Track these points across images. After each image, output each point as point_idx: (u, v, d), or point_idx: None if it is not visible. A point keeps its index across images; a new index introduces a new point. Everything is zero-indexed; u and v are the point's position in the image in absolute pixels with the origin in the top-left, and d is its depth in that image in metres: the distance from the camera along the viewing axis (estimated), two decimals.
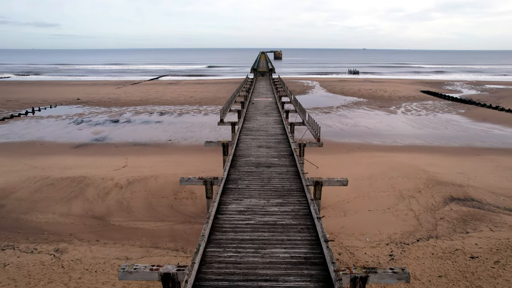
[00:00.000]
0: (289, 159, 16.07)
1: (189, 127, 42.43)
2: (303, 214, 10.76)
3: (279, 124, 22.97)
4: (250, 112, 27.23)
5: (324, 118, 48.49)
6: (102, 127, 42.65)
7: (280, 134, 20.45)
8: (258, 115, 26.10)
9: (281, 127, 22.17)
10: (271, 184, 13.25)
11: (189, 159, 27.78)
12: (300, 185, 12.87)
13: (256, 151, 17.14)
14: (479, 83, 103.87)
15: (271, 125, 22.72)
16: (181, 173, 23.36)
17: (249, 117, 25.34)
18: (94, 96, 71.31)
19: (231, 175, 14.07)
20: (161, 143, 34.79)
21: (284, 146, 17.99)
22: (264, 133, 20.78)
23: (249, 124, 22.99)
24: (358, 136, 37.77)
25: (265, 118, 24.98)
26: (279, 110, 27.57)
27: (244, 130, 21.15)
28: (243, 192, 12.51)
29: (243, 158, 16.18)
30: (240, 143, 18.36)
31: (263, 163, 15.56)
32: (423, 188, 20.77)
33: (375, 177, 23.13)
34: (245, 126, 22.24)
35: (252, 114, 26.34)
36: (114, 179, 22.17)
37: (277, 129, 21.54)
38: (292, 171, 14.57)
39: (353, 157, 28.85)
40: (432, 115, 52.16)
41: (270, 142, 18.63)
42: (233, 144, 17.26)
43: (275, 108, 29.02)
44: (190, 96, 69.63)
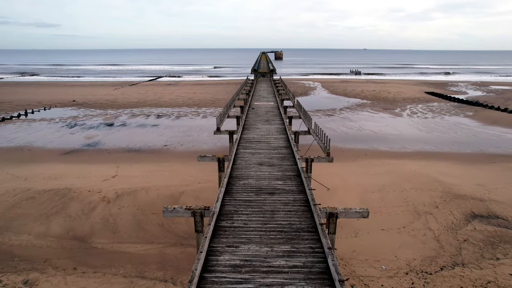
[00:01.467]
0: (296, 182, 13.45)
1: (186, 131, 40.57)
2: (318, 271, 8.17)
3: (282, 134, 20.58)
4: (250, 118, 25.06)
5: (327, 121, 46.60)
6: (95, 131, 40.80)
7: (284, 147, 18.07)
8: (258, 123, 23.77)
9: (285, 137, 19.85)
10: (275, 220, 10.58)
11: (184, 167, 25.90)
12: (312, 221, 10.28)
13: (257, 171, 14.62)
14: (483, 84, 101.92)
15: (273, 135, 20.31)
16: (175, 185, 21.50)
17: (248, 125, 23.05)
18: (90, 97, 69.49)
19: (225, 205, 11.46)
20: (156, 148, 32.92)
21: (289, 163, 15.48)
22: (265, 145, 18.34)
23: (249, 134, 20.59)
24: (364, 141, 35.88)
25: (267, 126, 22.57)
26: (282, 116, 25.60)
27: (243, 142, 18.81)
28: (240, 233, 9.86)
29: (241, 180, 13.60)
30: (238, 159, 16.03)
31: (265, 188, 12.92)
32: (440, 203, 18.87)
33: (386, 189, 21.24)
34: (244, 136, 19.85)
35: (252, 122, 24.04)
36: (101, 191, 20.30)
37: (280, 141, 19.18)
38: (300, 200, 11.86)
39: (360, 165, 26.95)
40: (439, 117, 50.24)
41: (272, 158, 16.18)
42: (230, 160, 15.15)
43: (277, 113, 26.96)
44: (188, 98, 67.79)
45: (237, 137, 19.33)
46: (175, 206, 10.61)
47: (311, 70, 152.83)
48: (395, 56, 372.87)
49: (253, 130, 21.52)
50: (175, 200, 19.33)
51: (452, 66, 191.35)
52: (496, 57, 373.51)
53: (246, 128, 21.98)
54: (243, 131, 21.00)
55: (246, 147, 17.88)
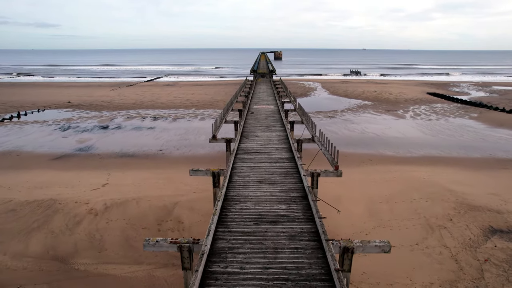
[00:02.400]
0: (302, 206, 11.43)
1: (183, 134, 39.15)
2: None
3: (284, 143, 18.79)
4: (249, 124, 23.24)
5: (328, 123, 45.23)
6: (89, 134, 39.36)
7: (287, 159, 16.20)
8: (258, 129, 21.95)
9: (287, 147, 18.07)
10: (278, 261, 8.50)
11: (179, 174, 24.45)
12: (324, 263, 8.29)
13: (256, 190, 12.64)
14: (485, 84, 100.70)
15: (275, 145, 18.51)
16: (168, 195, 20.09)
17: (247, 132, 21.19)
18: (86, 99, 68.06)
19: (218, 240, 9.45)
20: (151, 153, 31.49)
21: (293, 180, 13.58)
22: (266, 157, 16.50)
23: (248, 143, 18.70)
24: (368, 145, 34.49)
25: (267, 134, 20.76)
26: (283, 122, 23.91)
27: (240, 153, 17.06)
28: (235, 282, 7.87)
29: (238, 203, 11.62)
30: (234, 174, 14.08)
31: (266, 214, 10.89)
32: (454, 215, 17.48)
33: (395, 200, 19.84)
34: (243, 146, 18.10)
35: (251, 128, 22.18)
36: (89, 202, 18.87)
37: (282, 151, 17.42)
38: (309, 232, 9.79)
39: (365, 171, 25.56)
40: (443, 119, 48.88)
41: (274, 174, 14.27)
42: (225, 176, 13.25)
43: (278, 118, 25.33)
44: (186, 99, 66.40)
45: (235, 147, 17.60)
46: (158, 238, 9.01)
47: (311, 71, 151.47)
48: (395, 56, 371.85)
49: (252, 138, 19.75)
50: (168, 212, 17.92)
51: (452, 66, 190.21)
52: (496, 57, 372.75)
53: (244, 135, 20.23)
54: (241, 139, 19.30)
55: (244, 160, 16.13)
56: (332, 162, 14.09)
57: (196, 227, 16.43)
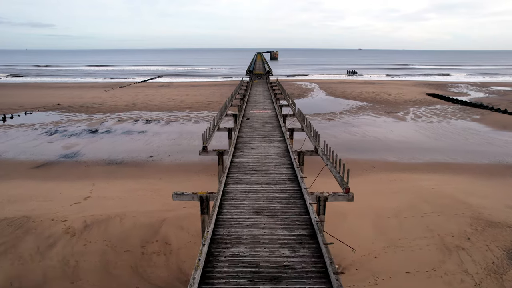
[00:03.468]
0: (310, 251, 8.93)
1: (175, 139, 37.25)
2: None
3: (283, 157, 16.41)
4: (244, 133, 20.84)
5: (327, 126, 43.54)
6: (76, 139, 37.34)
7: (288, 179, 13.64)
8: (254, 139, 19.56)
9: (288, 162, 15.70)
10: None
11: (170, 185, 22.60)
12: None
13: (252, 226, 10.15)
14: (484, 84, 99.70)
15: (273, 159, 16.15)
16: (156, 211, 18.23)
17: (242, 142, 18.87)
18: (77, 100, 65.90)
19: None
20: (140, 160, 29.57)
21: (297, 209, 11.07)
22: (263, 177, 13.96)
23: (242, 157, 16.32)
24: (370, 150, 32.81)
25: (264, 145, 18.40)
26: (281, 130, 21.63)
27: (234, 171, 14.53)
28: None
29: (229, 247, 9.12)
30: (226, 202, 11.54)
31: (265, 266, 8.36)
32: (471, 233, 15.80)
33: (404, 214, 18.13)
34: (236, 162, 15.69)
35: (247, 138, 19.82)
36: (67, 219, 16.96)
37: (282, 168, 14.93)
38: None
39: (369, 180, 23.85)
40: (445, 122, 47.38)
41: (274, 200, 11.78)
42: (215, 204, 10.79)
43: (276, 126, 23.01)
44: (181, 101, 64.46)
45: (227, 163, 15.22)
46: None
47: (307, 71, 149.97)
48: (390, 56, 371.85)
49: (247, 150, 17.48)
50: (154, 231, 16.06)
51: (449, 67, 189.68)
52: (491, 57, 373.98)
53: (239, 147, 18.05)
54: (235, 151, 17.13)
55: (238, 180, 13.61)
56: (342, 183, 12.02)
57: (185, 249, 14.61)
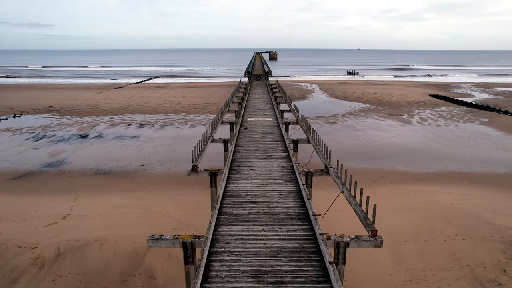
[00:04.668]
0: None
1: (169, 145, 35.06)
2: None
3: (289, 181, 13.39)
4: (241, 148, 17.95)
5: (330, 130, 41.40)
6: (64, 145, 35.10)
7: (297, 217, 10.50)
8: (253, 156, 16.58)
9: (294, 189, 12.61)
10: None
11: (159, 200, 20.42)
12: None
13: None
14: (487, 85, 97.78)
15: (277, 185, 13.02)
16: (142, 234, 16.01)
17: (239, 161, 15.94)
18: (69, 102, 63.65)
19: None
20: (130, 170, 27.36)
21: (313, 270, 8.06)
22: (265, 213, 10.82)
23: (239, 181, 13.29)
24: (377, 157, 30.66)
25: (265, 164, 15.41)
26: (284, 141, 18.91)
27: (228, 204, 11.35)
28: None
29: None
30: (215, 259, 8.45)
31: None
32: (506, 264, 13.67)
33: (423, 236, 15.98)
34: (232, 188, 12.66)
35: (245, 154, 17.04)
36: (38, 246, 14.76)
37: (288, 199, 11.73)
38: None
39: (380, 194, 21.69)
40: (453, 125, 45.30)
41: (280, 254, 8.68)
42: (202, 258, 7.94)
43: (279, 137, 20.08)
44: (177, 103, 62.27)
45: (220, 192, 11.85)
46: None
47: (307, 71, 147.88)
48: (390, 56, 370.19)
49: (245, 172, 14.47)
50: (137, 261, 13.87)
51: (449, 67, 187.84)
52: (490, 57, 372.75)
53: (235, 167, 15.06)
54: (230, 173, 14.16)
55: (232, 219, 10.41)
56: (365, 221, 8.82)
57: (172, 286, 12.42)
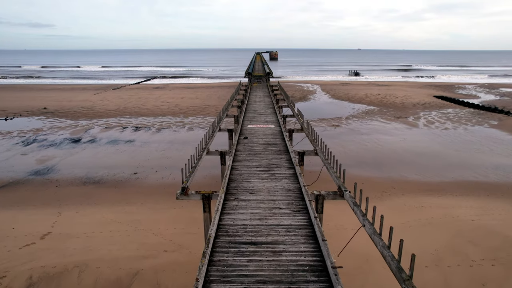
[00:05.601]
0: None
1: (165, 150, 33.29)
2: None
3: (297, 211, 10.75)
4: (240, 164, 15.33)
5: (334, 134, 39.61)
6: (54, 151, 33.34)
7: (310, 268, 7.95)
8: (253, 175, 13.94)
9: (305, 223, 10.06)
10: None
11: (151, 215, 18.62)
12: None
13: None
14: (492, 86, 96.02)
15: (283, 218, 10.34)
16: (128, 257, 14.22)
17: (237, 181, 13.28)
18: (65, 104, 61.92)
19: None
20: (122, 178, 25.58)
21: None
22: (268, 263, 8.11)
23: (236, 211, 10.71)
24: (385, 164, 28.85)
25: (268, 186, 12.76)
26: (289, 155, 16.38)
27: (221, 247, 8.76)
28: None
29: None
30: None
31: None
32: None
33: (446, 261, 14.17)
34: (227, 222, 10.02)
35: (244, 171, 14.32)
36: (7, 274, 12.98)
37: (297, 238, 9.20)
38: None
39: (391, 207, 19.90)
40: (461, 128, 43.51)
41: None
42: None
43: (282, 149, 17.61)
44: (175, 104, 60.51)
45: (212, 231, 9.13)
46: None
47: (308, 72, 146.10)
48: (390, 56, 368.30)
49: (244, 196, 11.86)
50: None
51: (451, 67, 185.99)
52: (491, 57, 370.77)
53: (232, 190, 12.31)
54: (226, 199, 11.56)
55: (226, 274, 7.65)
56: (399, 275, 6.53)
57: None
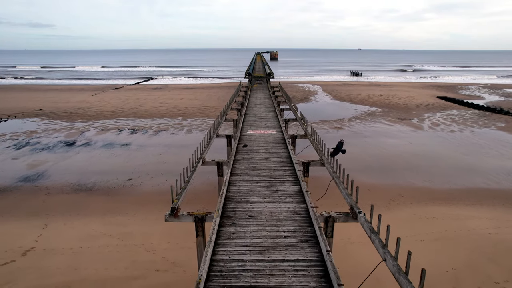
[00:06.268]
0: None
1: (162, 154, 32.05)
2: None
3: (305, 241, 9.24)
4: (238, 178, 13.68)
5: (337, 137, 38.32)
6: (47, 155, 32.12)
7: None
8: (254, 192, 12.30)
9: (316, 260, 8.49)
10: None
11: (145, 228, 17.37)
12: None
13: None
14: (495, 86, 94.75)
15: (289, 249, 8.90)
16: (115, 278, 12.98)
17: (234, 200, 11.73)
18: (61, 105, 60.66)
19: None
20: (115, 185, 24.33)
21: None
22: None
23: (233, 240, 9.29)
24: (391, 170, 27.59)
25: (270, 207, 11.14)
26: (294, 167, 14.66)
27: None
28: None
29: None
30: None
31: None
32: None
33: (465, 282, 12.92)
34: (222, 257, 8.57)
35: (243, 188, 12.64)
36: None
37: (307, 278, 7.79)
38: None
39: (401, 218, 18.64)
40: (468, 131, 42.23)
41: None
42: None
43: (286, 159, 15.89)
44: (174, 106, 59.27)
45: (203, 271, 7.74)
46: None
47: (309, 72, 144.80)
48: (391, 56, 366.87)
49: (242, 220, 10.26)
50: None
51: (453, 67, 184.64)
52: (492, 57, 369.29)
53: (228, 212, 10.72)
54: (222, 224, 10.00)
55: None
56: None
57: None
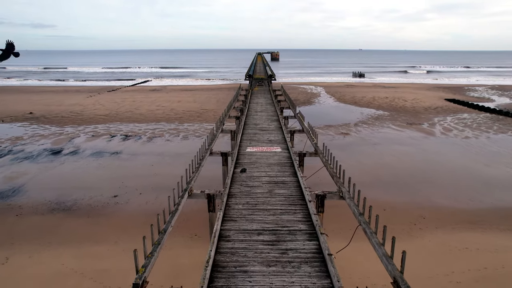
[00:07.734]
0: None
1: (155, 165, 29.31)
2: None
3: None
4: (233, 225, 10.38)
5: (343, 144, 35.54)
6: (28, 165, 29.40)
7: None
8: (253, 253, 8.88)
9: None
10: None
11: (126, 263, 14.57)
12: None
13: None
14: (504, 88, 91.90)
15: None
16: None
17: (227, 267, 8.40)
18: (53, 108, 57.97)
19: None
20: (98, 203, 21.58)
21: None
22: None
23: None
24: (407, 185, 24.76)
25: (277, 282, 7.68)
26: (306, 203, 11.29)
27: None
28: None
29: None
30: None
31: None
32: None
33: None
34: None
35: (238, 247, 9.24)
36: None
37: None
38: None
39: (427, 248, 15.84)
40: (483, 137, 39.44)
41: None
42: None
43: (295, 193, 12.32)
44: (171, 109, 56.56)
45: None
46: None
47: (310, 73, 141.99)
48: (392, 57, 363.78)
49: None
50: None
51: (456, 68, 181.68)
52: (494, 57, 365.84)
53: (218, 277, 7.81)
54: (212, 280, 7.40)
55: None
56: None
57: None
